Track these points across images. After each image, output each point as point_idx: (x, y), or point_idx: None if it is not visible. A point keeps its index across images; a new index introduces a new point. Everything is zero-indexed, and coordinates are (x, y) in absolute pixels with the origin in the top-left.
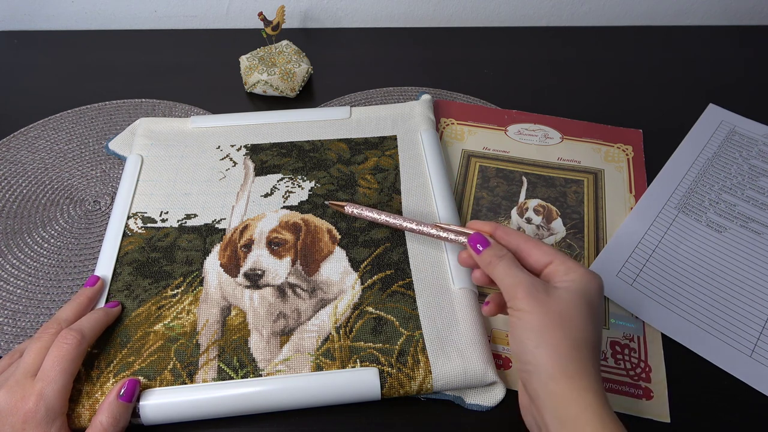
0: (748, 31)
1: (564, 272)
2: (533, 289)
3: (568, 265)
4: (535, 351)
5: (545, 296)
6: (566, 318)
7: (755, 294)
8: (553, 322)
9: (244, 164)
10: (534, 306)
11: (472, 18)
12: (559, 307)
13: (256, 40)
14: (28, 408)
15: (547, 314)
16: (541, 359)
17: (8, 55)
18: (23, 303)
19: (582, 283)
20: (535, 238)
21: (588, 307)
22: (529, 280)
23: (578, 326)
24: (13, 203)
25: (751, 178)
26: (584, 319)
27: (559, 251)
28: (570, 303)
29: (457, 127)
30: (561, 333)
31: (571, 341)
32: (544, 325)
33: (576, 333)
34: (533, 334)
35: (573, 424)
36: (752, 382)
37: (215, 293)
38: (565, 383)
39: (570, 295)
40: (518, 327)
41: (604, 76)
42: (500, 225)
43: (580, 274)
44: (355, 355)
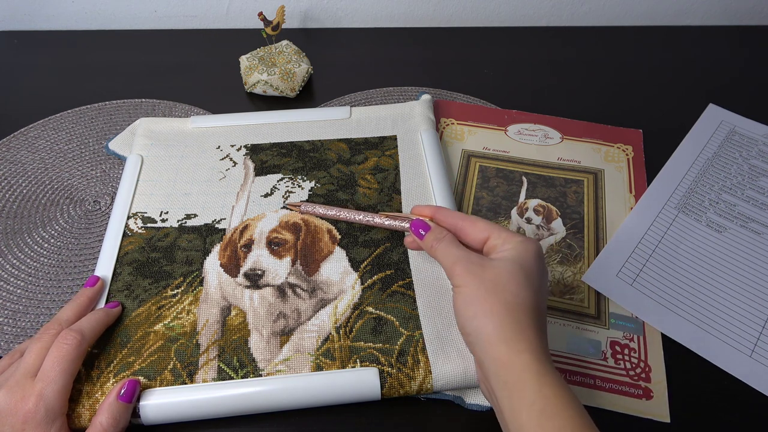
0: (748, 31)
1: (501, 244)
2: (469, 263)
3: (504, 237)
4: (474, 320)
5: (480, 269)
6: (499, 285)
7: (755, 294)
8: (487, 290)
9: (244, 164)
10: (470, 279)
11: (472, 18)
12: (493, 275)
13: (256, 40)
14: (28, 408)
15: (481, 284)
16: (479, 327)
17: (8, 55)
18: (23, 303)
19: (517, 251)
20: (473, 216)
21: (523, 272)
22: (466, 256)
23: (512, 291)
24: (13, 203)
25: (751, 178)
26: (519, 284)
27: (496, 225)
28: (503, 270)
29: (457, 127)
30: (495, 299)
31: (505, 306)
32: (479, 295)
33: (510, 297)
34: (471, 305)
35: (513, 386)
36: (752, 382)
37: (215, 293)
38: (503, 347)
39: (503, 263)
40: (458, 302)
41: (604, 76)
42: (440, 207)
43: (515, 242)
44: (355, 355)
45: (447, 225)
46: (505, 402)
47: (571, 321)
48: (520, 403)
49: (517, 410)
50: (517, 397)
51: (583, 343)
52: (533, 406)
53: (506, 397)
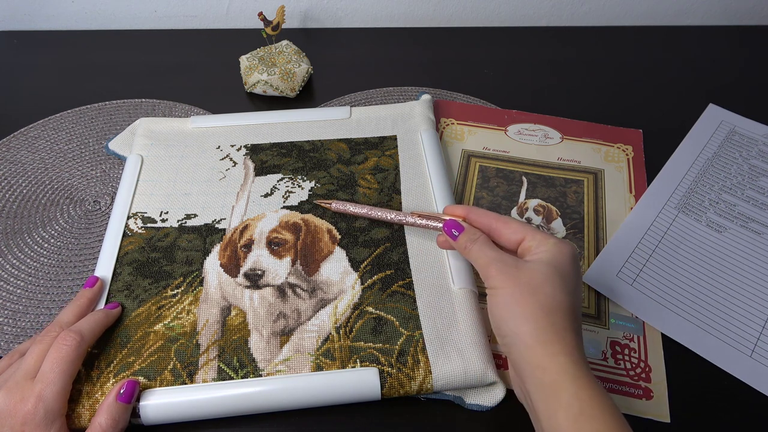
0: (748, 31)
1: (536, 246)
2: (504, 265)
3: (539, 239)
4: (510, 323)
5: (516, 270)
6: (536, 287)
7: (755, 294)
8: (523, 293)
9: (244, 164)
10: (505, 281)
11: (472, 18)
12: (529, 277)
13: (256, 40)
14: (27, 410)
15: (517, 286)
16: (516, 329)
17: (8, 55)
18: (23, 303)
19: (552, 253)
20: (507, 216)
21: (558, 275)
22: (501, 257)
23: (549, 293)
24: (13, 203)
25: (751, 178)
26: (555, 287)
27: (530, 226)
28: (539, 272)
29: (457, 127)
30: (532, 302)
31: (542, 309)
32: (515, 298)
33: (547, 300)
34: (507, 308)
35: (550, 389)
36: (752, 382)
37: (215, 293)
38: (541, 350)
39: (539, 265)
40: (493, 303)
41: (604, 76)
42: (473, 208)
43: (551, 244)
44: (355, 355)
45: (480, 225)
46: (541, 404)
47: None
48: (557, 405)
49: (553, 412)
50: (554, 399)
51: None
52: (570, 409)
53: (542, 400)
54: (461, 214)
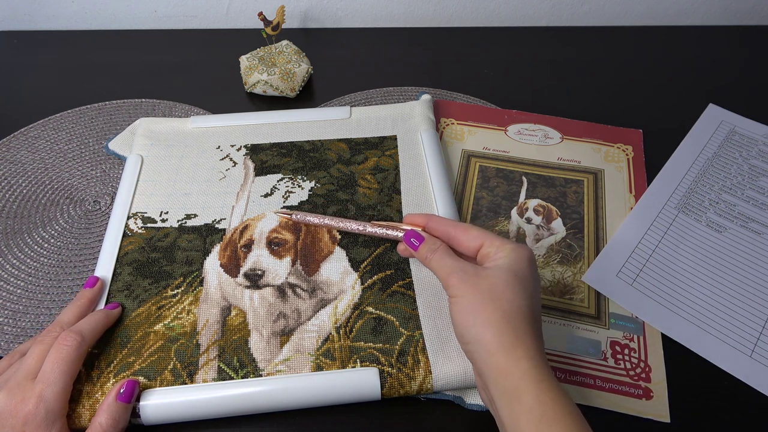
0: (748, 31)
1: (494, 252)
2: (464, 274)
3: (497, 245)
4: (472, 329)
5: (476, 278)
6: (495, 293)
7: (755, 294)
8: (484, 300)
9: (244, 164)
10: (466, 289)
11: (472, 18)
12: (489, 284)
13: (256, 40)
14: (28, 410)
15: (478, 293)
16: (478, 336)
17: (8, 55)
18: (23, 303)
19: (510, 258)
20: (465, 223)
21: (517, 279)
22: (460, 266)
23: (508, 298)
24: (13, 203)
25: (751, 178)
26: (515, 292)
27: (488, 232)
28: (498, 278)
29: (457, 127)
30: (491, 308)
31: (502, 314)
32: (476, 304)
33: (507, 306)
34: (469, 315)
35: (513, 393)
36: (752, 382)
37: (215, 293)
38: (502, 355)
39: (498, 271)
40: (455, 311)
41: (604, 76)
42: (432, 216)
43: (509, 249)
44: (355, 355)
45: (439, 234)
46: (504, 409)
47: (571, 321)
48: (519, 410)
49: (516, 417)
50: (516, 403)
51: (583, 344)
52: (532, 413)
53: (505, 405)
54: (421, 223)
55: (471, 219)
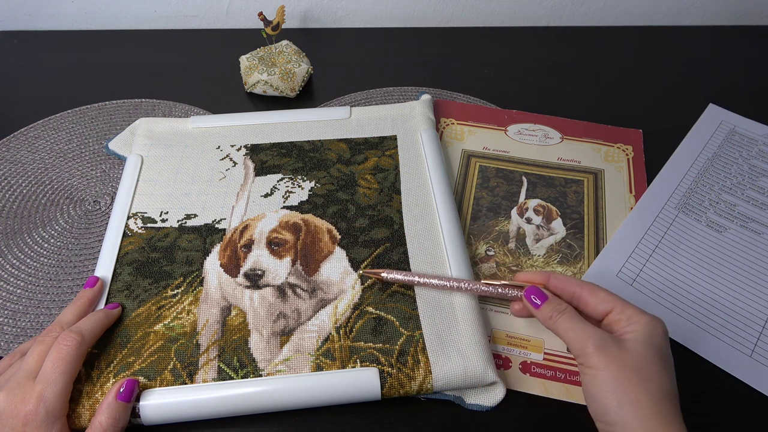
0: (748, 31)
1: (627, 320)
2: (604, 343)
3: (630, 313)
4: (619, 411)
5: (617, 350)
6: (642, 372)
7: (755, 294)
8: (630, 378)
9: (244, 164)
10: (607, 362)
11: (472, 18)
12: (633, 360)
13: (256, 40)
14: (28, 410)
15: (623, 369)
16: (625, 418)
17: (8, 55)
18: (23, 303)
19: (647, 333)
20: (592, 283)
21: (659, 358)
22: (598, 334)
23: (655, 380)
24: (13, 203)
25: (751, 178)
26: (659, 372)
27: (618, 297)
28: (642, 355)
29: (457, 127)
30: (640, 389)
31: (651, 396)
32: (622, 382)
33: (654, 387)
34: (612, 393)
35: None
36: (752, 382)
37: (215, 293)
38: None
39: (641, 346)
40: (594, 385)
41: (604, 76)
42: (554, 273)
43: (644, 322)
44: (355, 355)
45: (562, 292)
46: None
47: None
48: None
49: None
50: None
51: None
52: None
53: None
54: (540, 281)
55: (471, 219)
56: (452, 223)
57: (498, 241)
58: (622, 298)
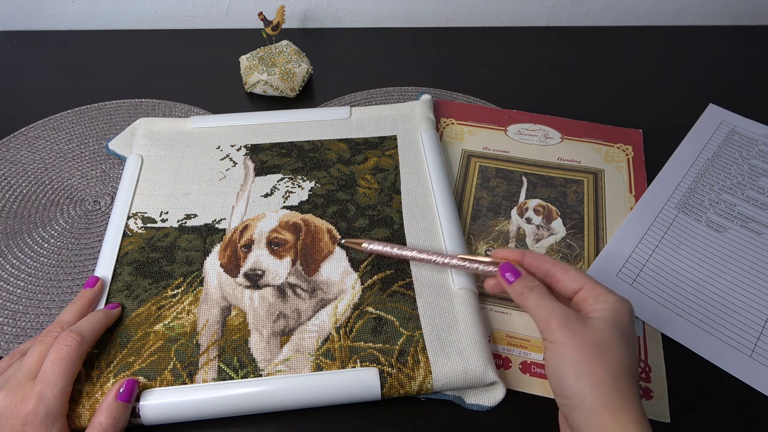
0: (748, 31)
1: (594, 299)
2: (567, 319)
3: (598, 292)
4: (576, 384)
5: (580, 326)
6: (603, 348)
7: (755, 294)
8: (590, 353)
9: (244, 164)
10: (569, 337)
11: (472, 18)
12: (595, 336)
13: (256, 40)
14: (28, 410)
15: (584, 345)
16: (582, 392)
17: (8, 55)
18: (23, 303)
19: (614, 311)
20: (564, 263)
21: (622, 336)
22: (563, 310)
23: (615, 356)
24: (13, 203)
25: (751, 178)
26: (620, 348)
27: (589, 277)
28: (605, 332)
29: (457, 127)
30: (599, 364)
31: (610, 372)
32: (581, 357)
33: (614, 363)
34: (572, 367)
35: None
36: (752, 382)
37: (215, 293)
38: (609, 416)
39: (604, 324)
40: (555, 360)
41: (604, 76)
42: (527, 251)
43: (611, 301)
44: (355, 355)
45: (534, 269)
46: None
47: None
48: None
49: None
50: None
51: None
52: None
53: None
54: (514, 258)
55: (471, 219)
56: (452, 223)
57: (498, 241)
58: (592, 278)
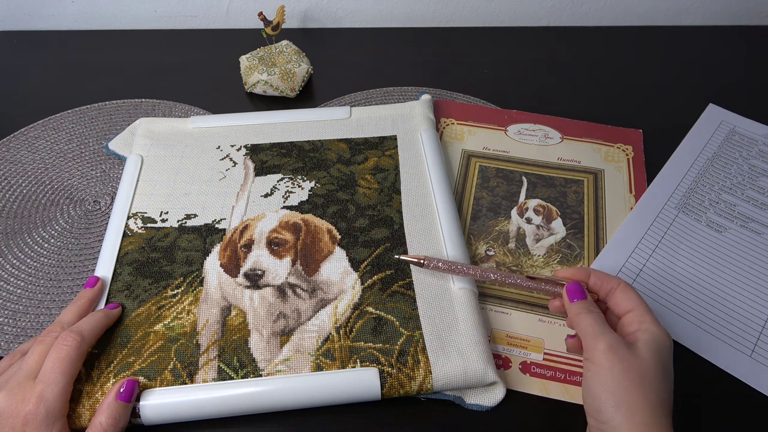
0: (748, 31)
1: (638, 323)
2: (616, 344)
3: (646, 318)
4: (615, 412)
5: (626, 353)
6: (646, 379)
7: (755, 294)
8: (632, 381)
9: (244, 164)
10: (614, 362)
11: (472, 18)
12: (639, 365)
13: (256, 40)
14: (28, 410)
15: (627, 372)
16: (619, 421)
17: (8, 55)
18: (23, 303)
19: (657, 343)
20: (627, 283)
21: (663, 369)
22: (613, 335)
23: (656, 389)
24: (13, 203)
25: (751, 178)
26: (660, 382)
27: (643, 302)
28: (650, 363)
29: (457, 127)
30: (641, 394)
31: (649, 404)
32: (624, 385)
33: (654, 395)
34: (612, 394)
35: None
36: (752, 382)
37: (215, 293)
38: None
39: (650, 355)
40: (596, 383)
41: (604, 76)
42: (593, 270)
43: (657, 332)
44: (355, 355)
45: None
46: None
47: None
48: None
49: None
50: None
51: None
52: None
53: None
54: (582, 278)
55: (471, 219)
56: (452, 223)
57: (498, 241)
58: (645, 304)
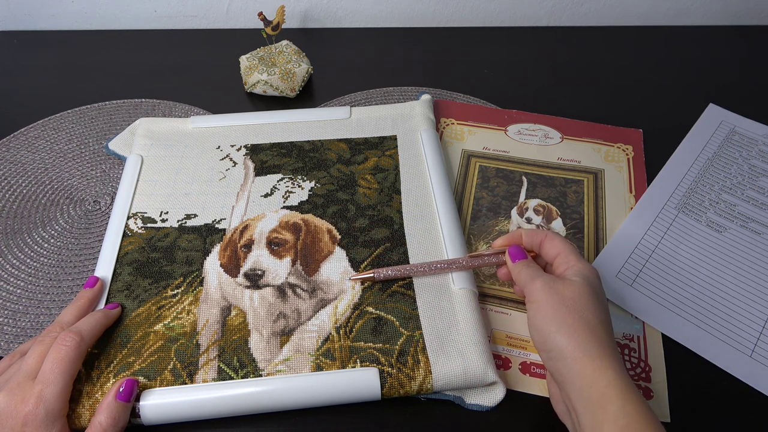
0: (748, 31)
1: (564, 263)
2: (549, 280)
3: (571, 257)
4: (557, 336)
5: (558, 285)
6: (579, 304)
7: (755, 294)
8: (567, 308)
9: (244, 164)
10: (549, 295)
11: (472, 18)
12: (571, 293)
13: (256, 40)
14: (28, 410)
15: (562, 301)
16: (561, 344)
17: (8, 55)
18: (23, 303)
19: (585, 274)
20: (552, 232)
21: (594, 294)
22: (547, 275)
23: (591, 310)
24: (13, 203)
25: (751, 178)
26: (594, 304)
27: (567, 245)
28: (580, 290)
29: (457, 127)
30: (575, 316)
31: (587, 325)
32: (560, 312)
33: (590, 316)
34: (552, 322)
35: (598, 403)
36: (752, 382)
37: (215, 293)
38: (588, 363)
39: (578, 283)
40: (538, 317)
41: (604, 76)
42: (523, 230)
43: (581, 267)
44: (355, 355)
45: (532, 243)
46: (587, 417)
47: None
48: (604, 418)
49: (599, 426)
50: (601, 412)
51: None
52: (617, 422)
53: (589, 413)
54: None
55: (471, 219)
56: (452, 223)
57: None
58: (570, 246)
